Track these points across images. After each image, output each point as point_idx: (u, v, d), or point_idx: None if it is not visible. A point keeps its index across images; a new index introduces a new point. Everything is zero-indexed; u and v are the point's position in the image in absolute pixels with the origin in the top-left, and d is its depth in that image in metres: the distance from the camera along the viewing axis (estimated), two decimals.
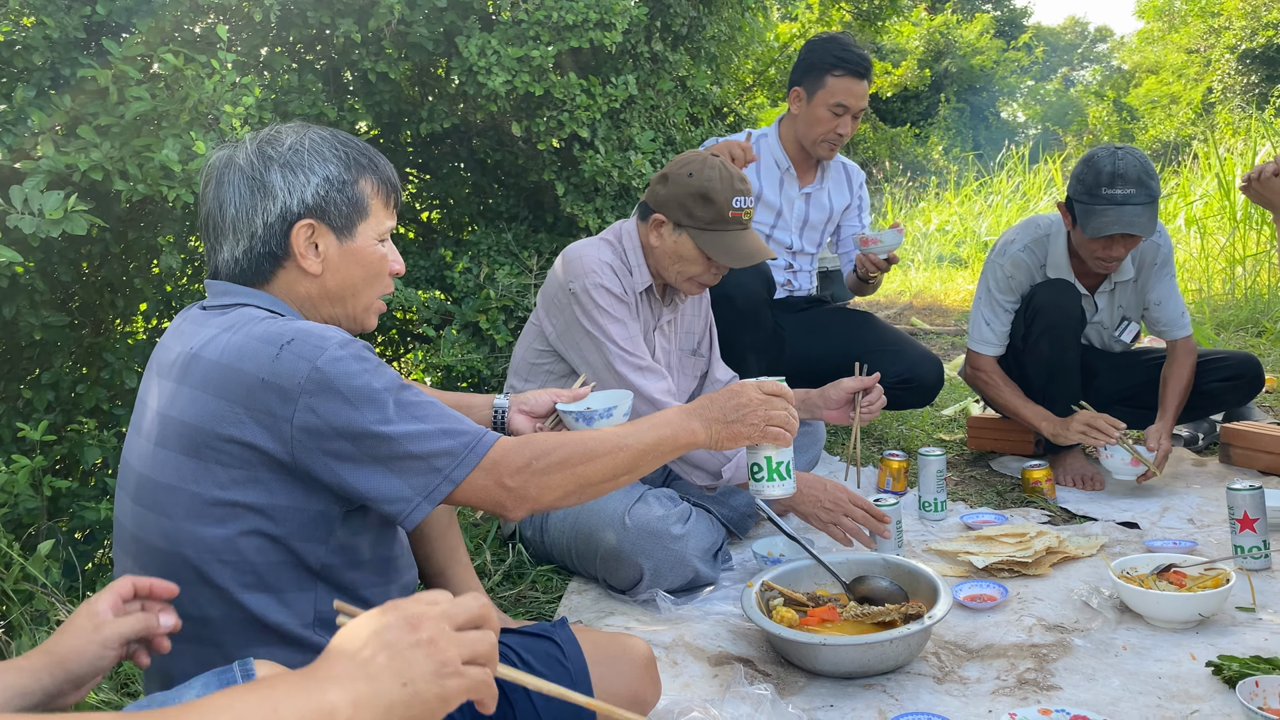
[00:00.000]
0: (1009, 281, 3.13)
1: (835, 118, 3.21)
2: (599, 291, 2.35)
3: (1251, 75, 17.54)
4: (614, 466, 1.49)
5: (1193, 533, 2.62)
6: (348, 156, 1.49)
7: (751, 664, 1.92)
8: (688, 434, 1.58)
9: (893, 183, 14.01)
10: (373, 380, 1.33)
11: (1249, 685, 1.65)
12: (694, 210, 2.32)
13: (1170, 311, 3.11)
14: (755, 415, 1.62)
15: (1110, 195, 2.79)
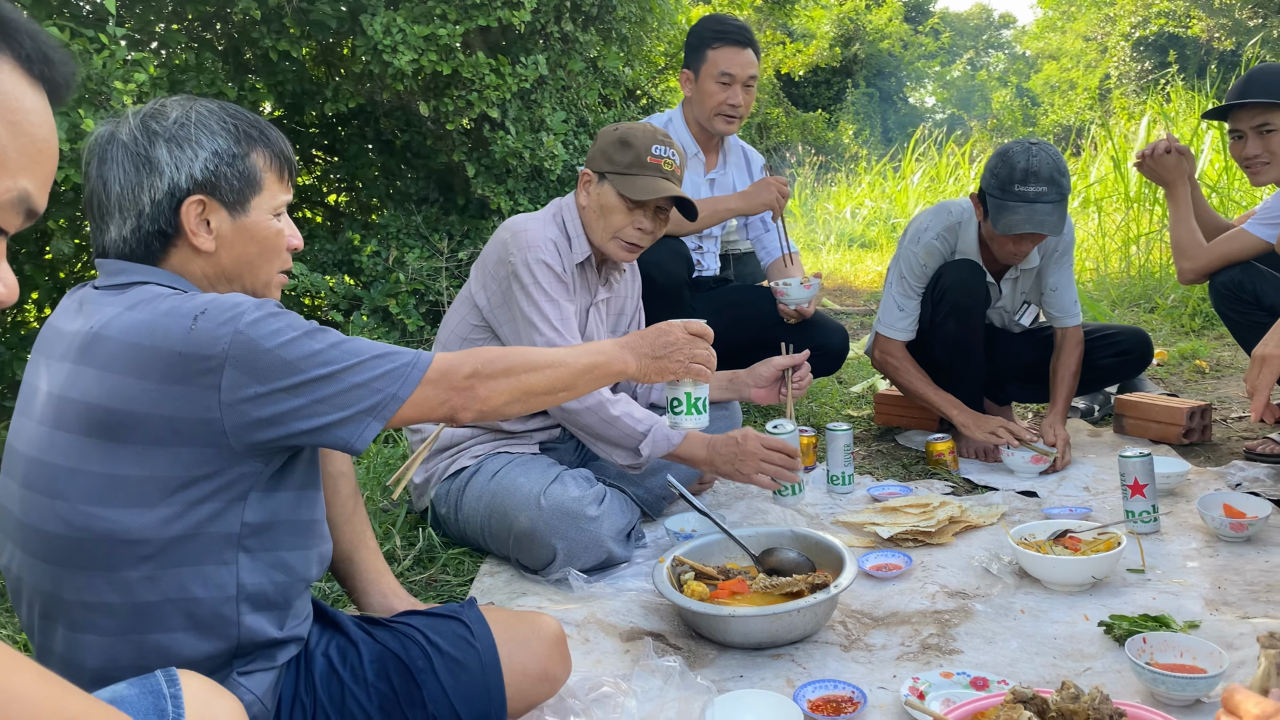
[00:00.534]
0: (922, 269, 3.18)
1: (724, 88, 3.23)
2: (540, 267, 2.34)
3: (1145, 62, 18.21)
4: (554, 380, 1.57)
5: (1088, 500, 2.72)
6: (237, 129, 1.45)
7: (663, 638, 1.93)
8: (620, 363, 1.70)
9: (805, 166, 14.18)
10: (298, 331, 1.33)
11: (1137, 642, 1.72)
12: (614, 156, 2.35)
13: (1064, 299, 3.19)
14: (681, 353, 1.78)
15: (1022, 193, 2.84)
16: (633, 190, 2.33)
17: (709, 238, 3.52)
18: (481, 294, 2.44)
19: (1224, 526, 2.32)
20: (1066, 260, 3.20)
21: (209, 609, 1.33)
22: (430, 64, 4.44)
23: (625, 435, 2.28)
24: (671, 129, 3.36)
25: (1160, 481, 2.61)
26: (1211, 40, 17.07)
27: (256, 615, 1.37)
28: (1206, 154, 6.48)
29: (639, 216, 2.38)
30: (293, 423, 1.32)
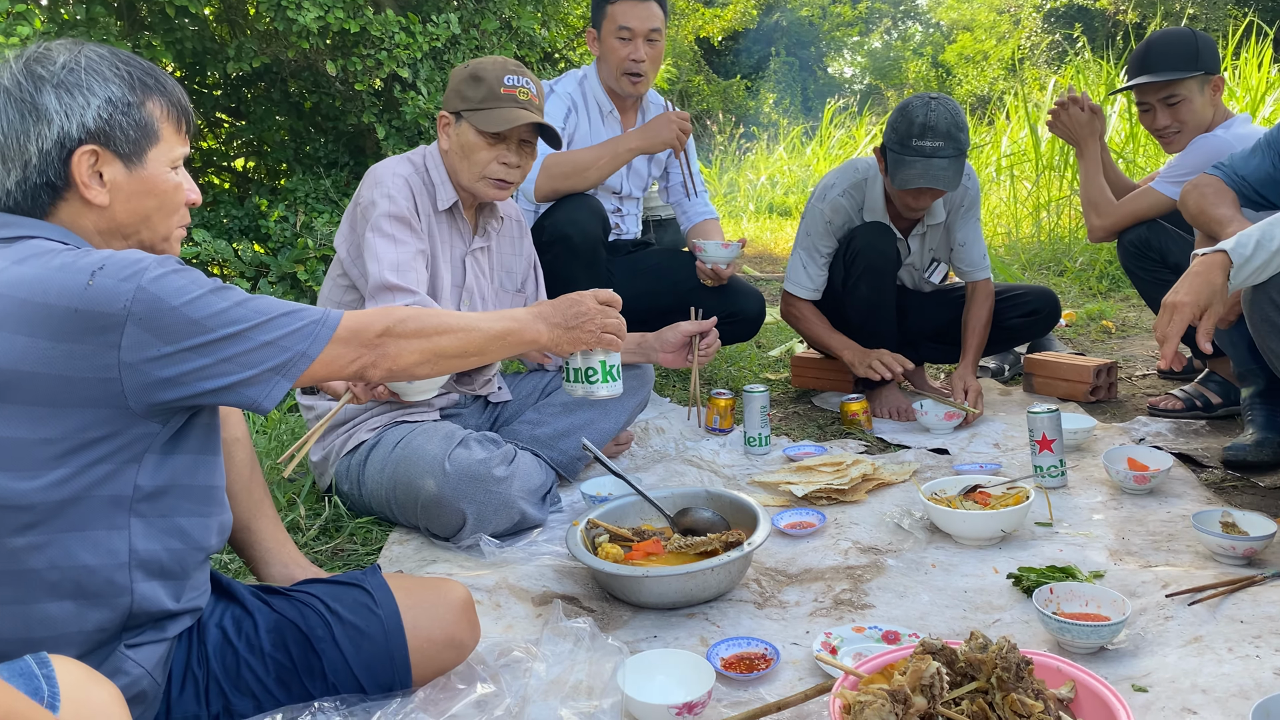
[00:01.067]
0: (828, 226, 3.20)
1: (625, 43, 3.16)
2: (385, 201, 2.27)
3: (1056, 33, 18.58)
4: (466, 343, 1.57)
5: (998, 456, 2.76)
6: (131, 76, 1.36)
7: (576, 601, 1.90)
8: (533, 332, 1.71)
9: (725, 134, 14.18)
10: (203, 288, 1.28)
11: (1044, 593, 1.74)
12: (467, 93, 2.30)
13: (973, 254, 3.24)
14: (593, 323, 1.80)
15: (920, 147, 2.86)
16: (490, 123, 2.27)
17: (629, 199, 3.47)
18: (343, 246, 2.38)
19: (1128, 480, 2.37)
20: (973, 215, 3.25)
21: (100, 577, 1.26)
22: (337, 21, 4.29)
23: None
24: (586, 86, 3.29)
25: (1067, 437, 2.67)
26: (1118, 13, 17.48)
27: (150, 583, 1.31)
28: (1115, 120, 6.62)
29: (502, 150, 2.33)
30: (198, 382, 1.27)
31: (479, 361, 1.61)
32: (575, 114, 3.23)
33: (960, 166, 2.91)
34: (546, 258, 2.85)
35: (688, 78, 17.13)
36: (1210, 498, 2.35)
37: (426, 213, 2.36)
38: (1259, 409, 2.57)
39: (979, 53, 20.61)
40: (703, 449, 2.88)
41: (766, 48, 21.36)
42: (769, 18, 21.82)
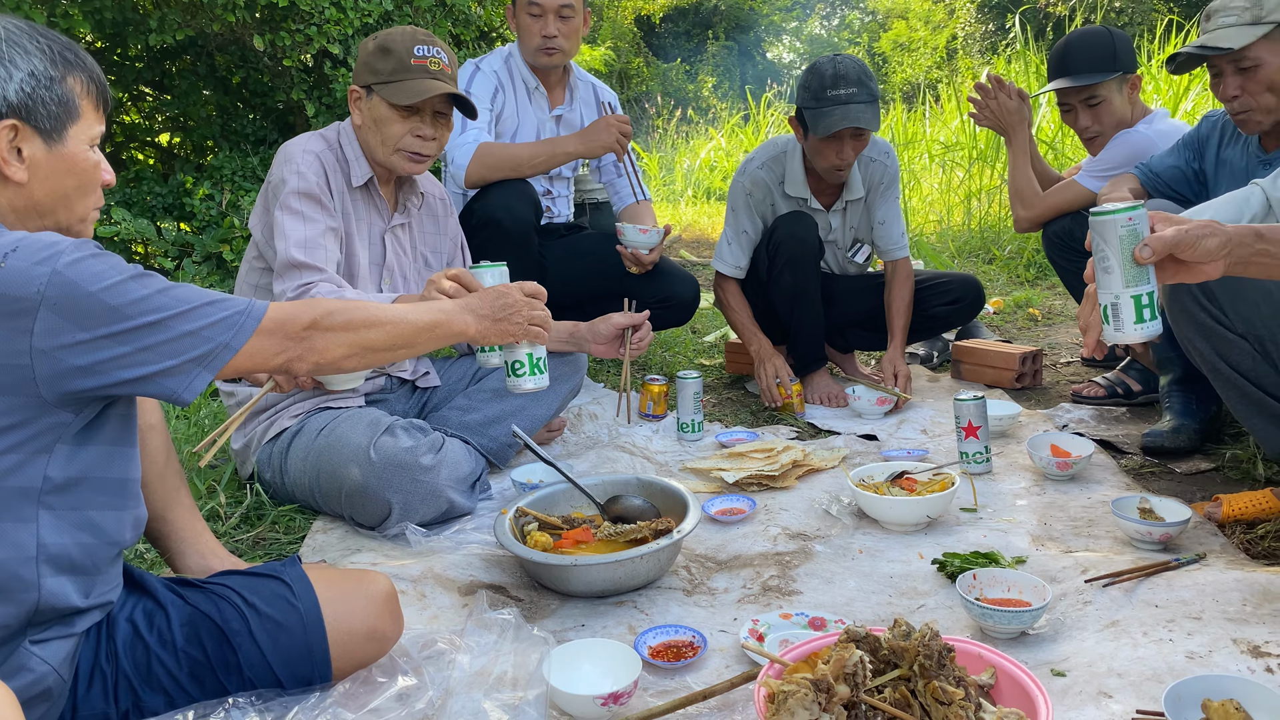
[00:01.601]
0: (748, 199, 3.24)
1: (535, 19, 3.12)
2: (295, 178, 2.23)
3: (989, 24, 18.85)
4: (394, 336, 1.56)
5: (925, 442, 2.79)
6: (52, 51, 1.33)
7: (504, 590, 1.88)
8: (461, 324, 1.72)
9: (664, 118, 14.16)
10: (121, 273, 1.24)
11: (967, 579, 1.77)
12: (376, 65, 2.26)
13: (893, 232, 3.31)
14: (520, 315, 1.82)
15: (835, 95, 2.93)
16: (401, 95, 2.23)
17: (559, 179, 3.43)
18: (258, 228, 2.32)
19: (1051, 466, 2.42)
20: (892, 194, 3.31)
21: (6, 570, 1.21)
22: None
23: None
24: (511, 63, 3.24)
25: (993, 424, 2.71)
26: (1049, 5, 17.79)
27: (59, 578, 1.26)
28: (1045, 109, 6.74)
29: (416, 123, 2.29)
30: (115, 371, 1.23)
31: (407, 354, 1.61)
32: (503, 92, 3.19)
33: (876, 111, 2.98)
34: (475, 242, 2.81)
35: (627, 59, 17.06)
36: (1129, 484, 2.40)
37: (340, 189, 2.31)
38: (1176, 396, 2.64)
39: (913, 41, 20.83)
40: (636, 435, 2.87)
41: (705, 32, 21.35)
42: (708, 1, 21.81)
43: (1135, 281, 1.47)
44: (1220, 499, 2.14)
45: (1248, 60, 2.29)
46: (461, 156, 2.97)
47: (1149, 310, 1.48)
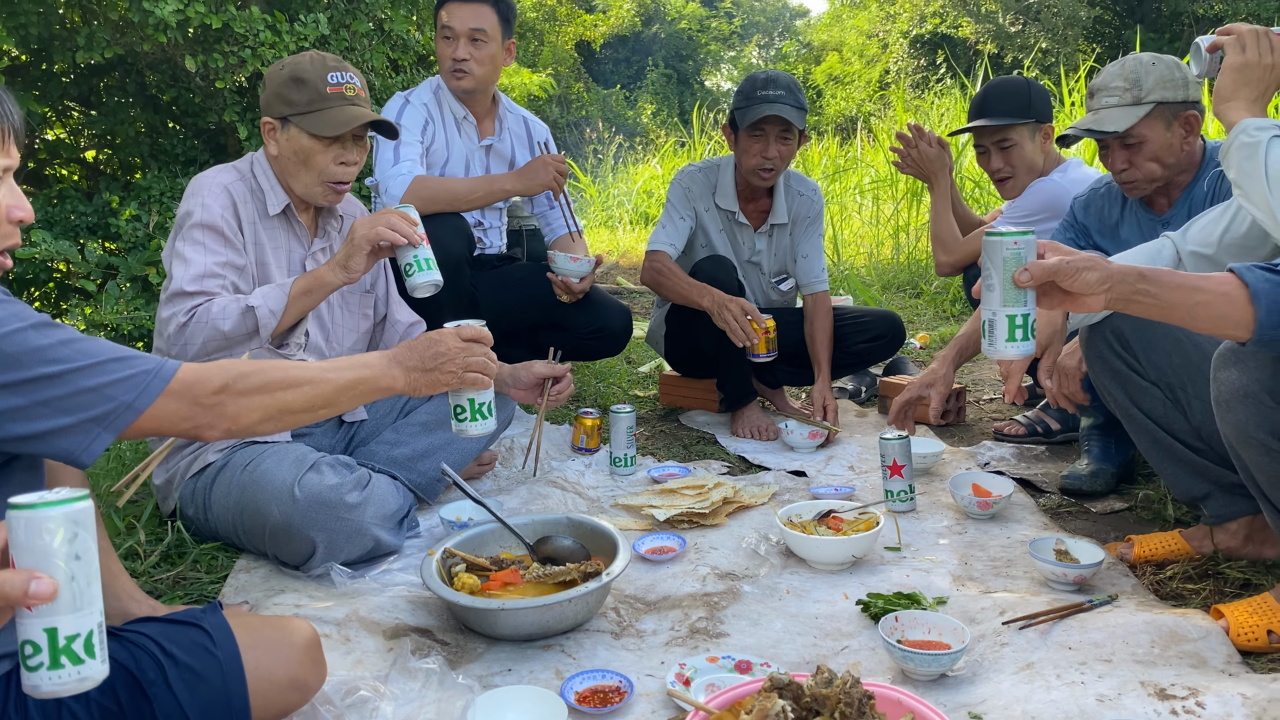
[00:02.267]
0: (686, 193, 3.37)
1: (447, 43, 3.15)
2: (199, 210, 2.21)
3: (920, 59, 19.34)
4: (314, 397, 1.51)
5: (852, 479, 2.84)
6: None
7: (430, 634, 1.86)
8: (388, 378, 1.65)
9: (604, 143, 14.23)
10: (24, 322, 1.19)
11: (889, 621, 1.80)
12: (291, 97, 2.23)
13: (814, 266, 3.44)
14: (453, 363, 1.73)
15: (764, 95, 3.13)
16: (324, 126, 2.23)
17: (491, 211, 3.43)
18: (168, 262, 2.27)
19: (972, 505, 2.47)
20: (816, 230, 3.44)
21: None
22: (198, 15, 4.12)
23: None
24: (440, 94, 3.25)
25: (917, 461, 2.77)
26: (978, 43, 18.32)
27: None
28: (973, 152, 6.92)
29: (339, 150, 2.29)
30: (8, 425, 1.18)
31: (331, 413, 1.56)
32: (433, 124, 3.19)
33: (802, 117, 3.15)
34: None
35: (568, 84, 17.14)
36: (1047, 523, 2.47)
37: (252, 220, 2.29)
38: (1096, 441, 2.72)
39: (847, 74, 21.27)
40: (568, 469, 2.88)
41: (645, 58, 21.55)
42: (648, 28, 22.03)
43: (1013, 303, 1.55)
44: (1132, 540, 2.21)
45: (1132, 138, 2.43)
46: (396, 188, 2.96)
47: (1022, 331, 1.55)
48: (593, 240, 9.16)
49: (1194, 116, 2.39)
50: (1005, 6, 17.95)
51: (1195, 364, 2.05)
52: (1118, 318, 2.14)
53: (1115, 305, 1.53)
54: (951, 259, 3.20)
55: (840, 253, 6.93)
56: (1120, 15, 18.68)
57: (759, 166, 3.19)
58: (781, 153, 3.18)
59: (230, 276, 2.21)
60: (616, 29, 19.75)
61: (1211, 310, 1.48)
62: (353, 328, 2.53)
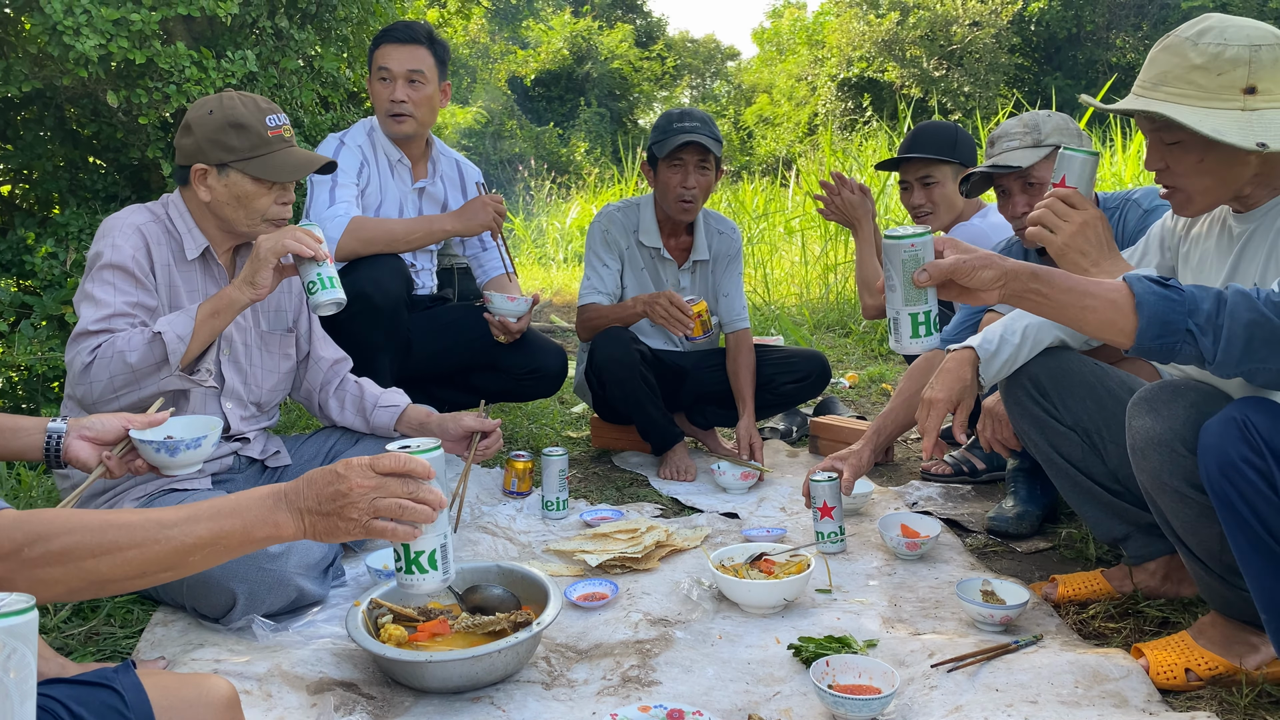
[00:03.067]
0: (605, 236, 3.40)
1: (385, 84, 3.14)
2: (109, 251, 2.17)
3: (848, 102, 19.80)
4: (143, 562, 1.21)
5: (784, 520, 2.85)
6: None
7: (355, 688, 1.82)
8: (268, 527, 1.29)
9: (537, 180, 14.26)
10: None
11: (820, 665, 1.81)
12: (230, 143, 2.21)
13: (735, 304, 3.50)
14: (356, 508, 1.31)
15: (680, 127, 3.21)
16: (273, 171, 2.22)
17: (424, 253, 3.41)
18: (78, 304, 2.21)
19: (901, 546, 2.50)
20: (735, 268, 3.51)
21: None
22: (121, 51, 4.04)
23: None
24: (374, 136, 3.23)
25: (847, 502, 2.80)
26: (903, 87, 18.83)
27: None
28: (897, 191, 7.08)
29: (280, 191, 2.28)
30: None
31: (175, 577, 1.27)
32: (368, 166, 3.17)
33: (719, 148, 3.22)
34: (342, 316, 2.75)
35: (500, 121, 17.18)
36: (974, 563, 2.51)
37: (166, 263, 2.25)
38: (1021, 483, 2.78)
39: (777, 116, 21.67)
40: (499, 514, 2.84)
41: (578, 96, 21.71)
42: (581, 66, 22.21)
43: (914, 301, 1.62)
44: (1056, 580, 2.26)
45: (1033, 178, 2.57)
46: (333, 229, 2.92)
47: (924, 327, 1.64)
48: (526, 278, 9.15)
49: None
50: (930, 52, 18.50)
51: (1110, 410, 2.11)
52: (1035, 366, 2.20)
53: (1009, 300, 1.60)
54: (876, 302, 3.28)
55: (770, 291, 7.02)
56: (1039, 62, 19.38)
57: (680, 197, 3.24)
58: (700, 183, 3.24)
59: (140, 317, 2.15)
60: (548, 66, 19.90)
61: (1098, 315, 1.55)
62: (273, 369, 2.48)
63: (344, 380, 2.60)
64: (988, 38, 17.84)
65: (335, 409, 2.57)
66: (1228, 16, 1.77)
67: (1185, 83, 1.72)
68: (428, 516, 1.35)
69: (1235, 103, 1.69)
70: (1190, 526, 1.76)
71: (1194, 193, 1.80)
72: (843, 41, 19.67)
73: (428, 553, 1.41)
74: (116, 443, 1.73)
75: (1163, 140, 1.79)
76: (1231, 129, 1.66)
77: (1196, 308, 1.50)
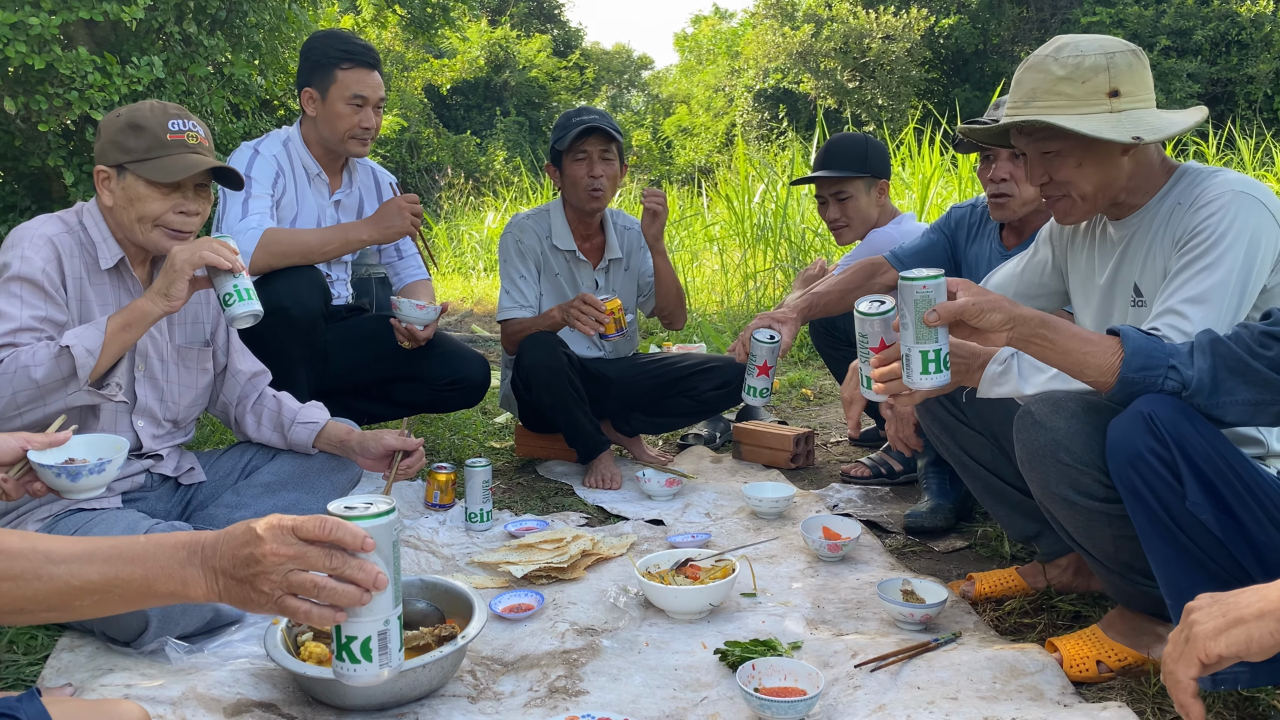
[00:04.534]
0: (518, 245, 3.40)
1: (357, 110, 3.11)
2: (17, 262, 2.08)
3: (764, 113, 20.07)
4: (19, 598, 1.11)
5: (709, 525, 2.87)
6: None
7: (275, 708, 1.77)
8: (173, 583, 1.15)
9: (454, 189, 14.13)
10: None
11: (746, 669, 1.82)
12: (128, 144, 2.14)
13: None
14: (269, 580, 1.13)
15: (579, 121, 3.24)
16: (162, 173, 2.14)
17: (339, 263, 3.35)
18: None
19: (823, 548, 2.54)
20: (647, 255, 3.54)
21: None
22: (18, 55, 3.90)
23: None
24: (291, 147, 3.16)
25: (770, 505, 2.84)
26: (818, 98, 19.16)
27: None
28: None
29: (178, 199, 2.19)
30: None
31: (59, 619, 1.18)
32: (283, 177, 3.10)
33: (618, 140, 3.27)
34: (258, 330, 2.68)
35: (417, 129, 16.97)
36: (894, 563, 2.56)
37: (78, 275, 2.17)
38: (933, 478, 2.85)
39: (696, 126, 21.86)
40: (421, 528, 2.80)
41: (495, 105, 21.61)
42: (499, 75, 22.11)
43: (924, 339, 1.65)
44: (974, 578, 2.31)
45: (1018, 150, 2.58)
46: (246, 243, 2.84)
47: (934, 365, 1.67)
48: (446, 287, 9.06)
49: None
50: (844, 64, 18.86)
51: (1014, 415, 2.17)
52: None
53: (1015, 343, 1.66)
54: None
55: (692, 300, 7.06)
56: (948, 74, 19.90)
57: (589, 187, 3.26)
58: (606, 171, 3.26)
59: (48, 331, 2.07)
60: (465, 75, 19.74)
61: (1096, 359, 1.62)
62: (190, 384, 2.41)
63: (262, 394, 2.53)
64: (900, 51, 18.25)
65: (252, 425, 2.51)
66: (1079, 35, 1.92)
67: (1055, 94, 1.84)
68: (352, 599, 1.14)
69: (1103, 106, 1.82)
70: (1084, 531, 1.83)
71: (1076, 197, 1.91)
72: (759, 53, 19.95)
73: (361, 640, 1.17)
74: (14, 464, 1.65)
75: (1041, 153, 1.91)
76: (1106, 128, 1.79)
77: (1176, 349, 1.60)
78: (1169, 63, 16.54)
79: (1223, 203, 1.79)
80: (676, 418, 3.56)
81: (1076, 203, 1.92)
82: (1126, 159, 1.87)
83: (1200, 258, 1.77)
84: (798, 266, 6.88)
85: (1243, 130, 11.85)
